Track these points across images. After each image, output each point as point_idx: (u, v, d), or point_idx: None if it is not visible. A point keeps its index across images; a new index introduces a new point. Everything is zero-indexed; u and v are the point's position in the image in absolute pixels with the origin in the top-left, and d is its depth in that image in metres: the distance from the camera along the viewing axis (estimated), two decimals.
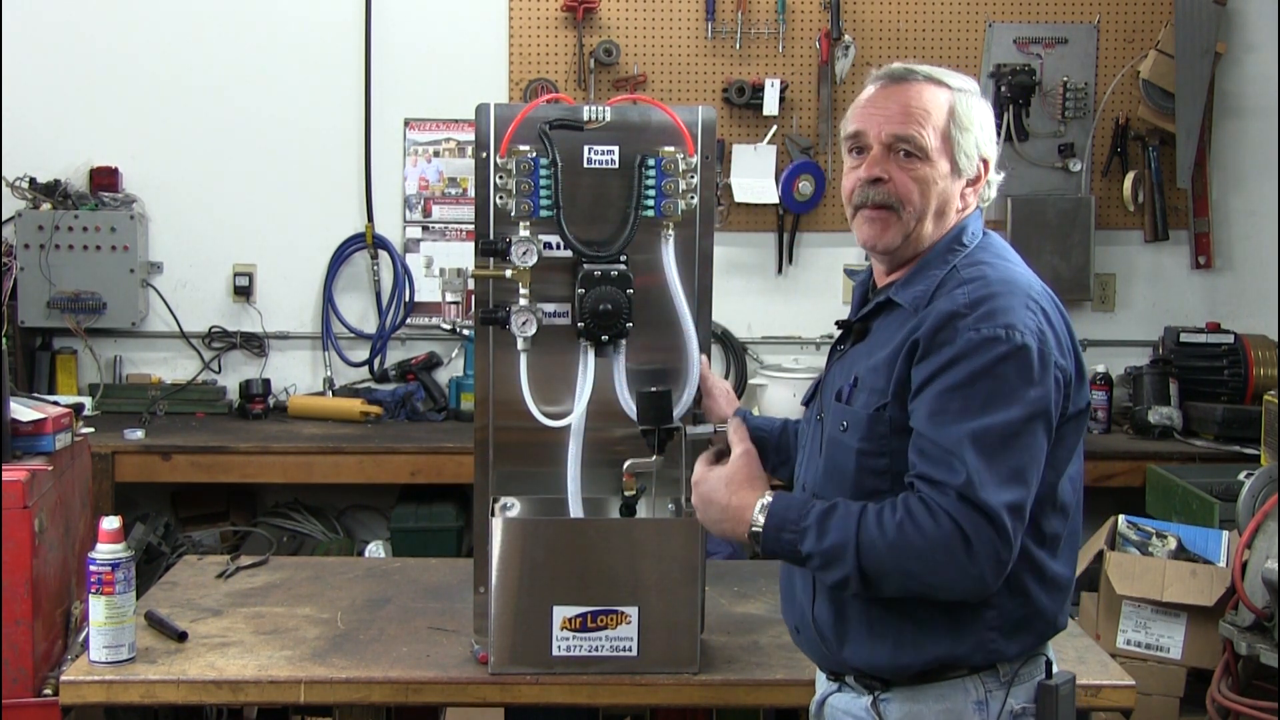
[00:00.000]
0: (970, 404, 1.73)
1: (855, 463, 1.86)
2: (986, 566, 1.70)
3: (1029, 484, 1.73)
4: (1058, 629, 1.90)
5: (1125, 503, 4.09)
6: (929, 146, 1.87)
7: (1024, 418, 1.73)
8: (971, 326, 1.75)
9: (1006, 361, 1.74)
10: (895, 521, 1.72)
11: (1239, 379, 4.75)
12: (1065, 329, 1.85)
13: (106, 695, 2.32)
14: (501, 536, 2.30)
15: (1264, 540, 3.09)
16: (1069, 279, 4.98)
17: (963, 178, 1.91)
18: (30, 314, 4.63)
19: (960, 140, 1.88)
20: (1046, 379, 1.76)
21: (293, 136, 4.88)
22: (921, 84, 1.89)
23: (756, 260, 5.00)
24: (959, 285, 1.82)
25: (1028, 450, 1.73)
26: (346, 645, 2.48)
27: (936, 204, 1.89)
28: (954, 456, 1.71)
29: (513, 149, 2.28)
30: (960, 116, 1.88)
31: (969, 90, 1.92)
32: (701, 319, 2.39)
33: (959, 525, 1.68)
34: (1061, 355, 1.80)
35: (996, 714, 1.83)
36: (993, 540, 1.69)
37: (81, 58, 4.81)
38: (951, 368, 1.75)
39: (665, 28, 4.90)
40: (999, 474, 1.70)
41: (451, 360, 5.00)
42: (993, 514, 1.68)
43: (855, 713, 1.91)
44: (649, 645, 2.31)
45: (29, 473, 2.56)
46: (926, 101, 1.88)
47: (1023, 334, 1.75)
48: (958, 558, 1.69)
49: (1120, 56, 5.00)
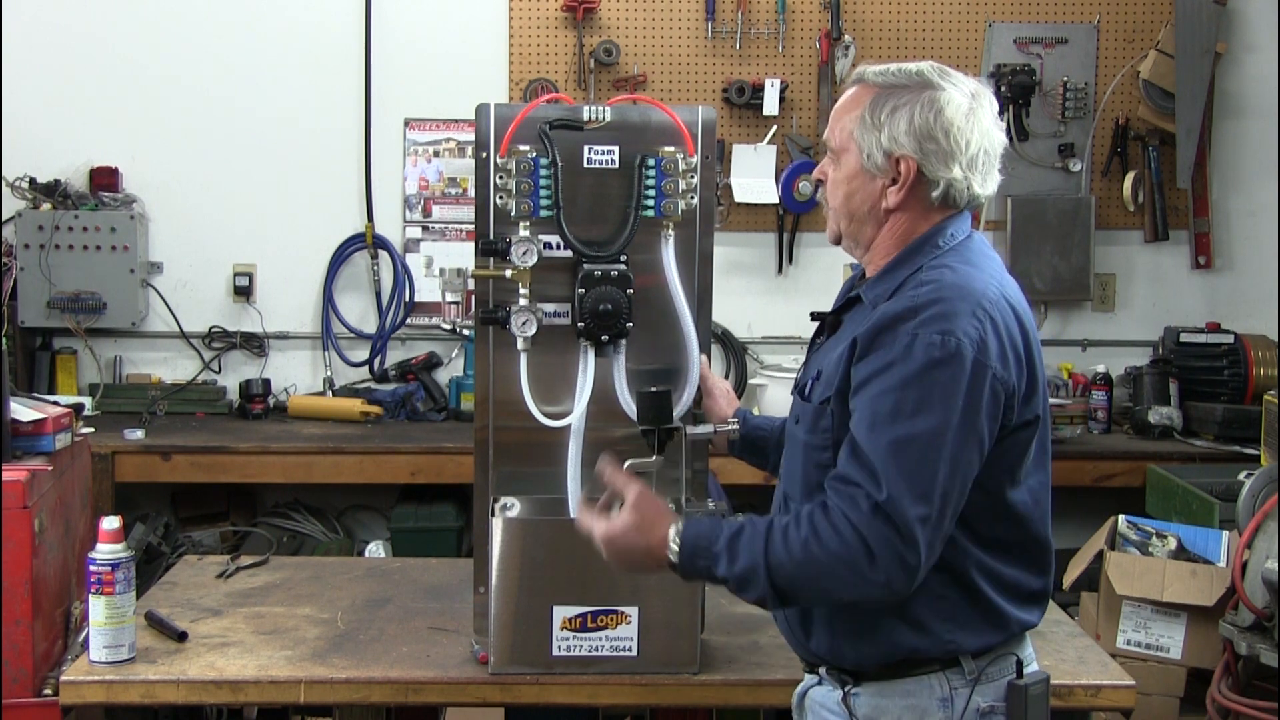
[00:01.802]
0: (900, 409, 1.74)
1: (803, 455, 1.91)
2: (893, 573, 1.72)
3: (948, 495, 1.74)
4: (1024, 628, 1.91)
5: (1125, 503, 4.09)
6: (834, 147, 1.93)
7: (949, 427, 1.73)
8: (911, 330, 1.76)
9: (939, 368, 1.74)
10: (800, 540, 1.75)
11: (1239, 379, 4.75)
12: (1019, 340, 1.82)
13: (106, 695, 2.32)
14: (501, 536, 2.30)
15: (1264, 540, 3.09)
16: (1069, 279, 4.99)
17: (876, 177, 1.89)
18: (30, 314, 4.63)
19: (861, 139, 1.88)
20: (978, 389, 1.75)
21: (293, 136, 4.88)
22: (854, 87, 1.93)
23: (756, 260, 5.00)
24: (916, 287, 1.82)
25: (950, 462, 1.74)
26: (346, 645, 2.48)
27: (849, 203, 1.92)
28: (876, 466, 1.73)
29: (513, 149, 2.28)
30: (870, 116, 1.87)
31: (908, 89, 1.86)
32: (701, 319, 2.39)
33: (863, 538, 1.71)
34: (1003, 366, 1.78)
35: (961, 711, 1.85)
36: (897, 550, 1.71)
37: (81, 58, 4.81)
38: (887, 371, 1.76)
39: (665, 28, 4.90)
40: (916, 486, 1.72)
41: (451, 360, 5.00)
42: (902, 527, 1.71)
43: (830, 706, 1.94)
44: (649, 645, 2.31)
45: (29, 473, 2.56)
46: (846, 102, 1.92)
47: (959, 341, 1.74)
48: (861, 570, 1.72)
49: (1120, 56, 5.00)
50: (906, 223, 1.91)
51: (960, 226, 1.93)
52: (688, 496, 2.36)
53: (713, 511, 2.32)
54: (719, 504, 2.36)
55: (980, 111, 1.89)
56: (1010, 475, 1.84)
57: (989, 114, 1.91)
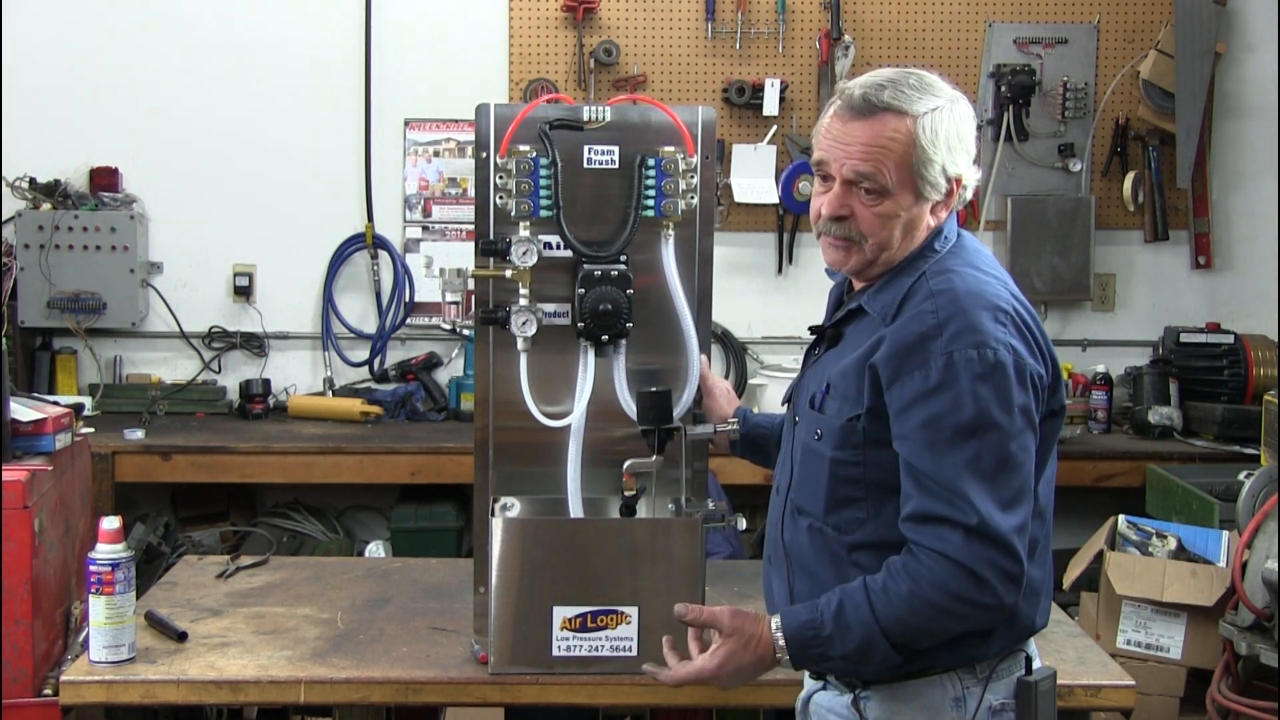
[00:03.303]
0: (961, 430, 1.74)
1: (829, 471, 1.88)
2: (1001, 590, 1.73)
3: (1028, 499, 1.77)
4: (1034, 630, 1.92)
5: (1125, 503, 4.09)
6: (889, 184, 1.83)
7: (1013, 434, 1.75)
8: (944, 349, 1.76)
9: (986, 381, 1.74)
10: (905, 594, 1.75)
11: (1239, 379, 4.75)
12: (1037, 333, 1.84)
13: (106, 695, 2.32)
14: (501, 536, 2.30)
15: (1264, 540, 3.09)
16: (1069, 279, 4.99)
17: (930, 201, 1.88)
18: (30, 314, 4.63)
19: (924, 172, 1.83)
20: (1025, 389, 1.77)
21: (293, 136, 4.88)
22: (882, 116, 1.82)
23: (756, 260, 5.00)
24: (927, 299, 1.81)
25: (1022, 466, 1.76)
26: (346, 645, 2.48)
27: (902, 232, 1.88)
28: (955, 493, 1.73)
29: (513, 149, 2.28)
30: (923, 147, 1.82)
31: (935, 108, 1.83)
32: (701, 319, 2.39)
33: (967, 569, 1.72)
34: (1035, 361, 1.80)
35: (974, 710, 1.85)
36: (1002, 565, 1.73)
37: (81, 58, 4.81)
38: (934, 395, 1.75)
39: (665, 28, 4.90)
40: (1002, 499, 1.73)
41: (451, 360, 5.00)
42: (1004, 542, 1.72)
43: (838, 710, 1.93)
44: (649, 645, 2.30)
45: (29, 473, 2.56)
46: (887, 137, 1.82)
47: (995, 350, 1.75)
48: (973, 599, 1.73)
49: (1120, 56, 5.00)
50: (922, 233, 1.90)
51: (951, 227, 1.94)
52: (688, 496, 2.36)
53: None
54: (719, 504, 2.36)
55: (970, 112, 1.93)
56: (1041, 469, 1.85)
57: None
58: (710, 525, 2.32)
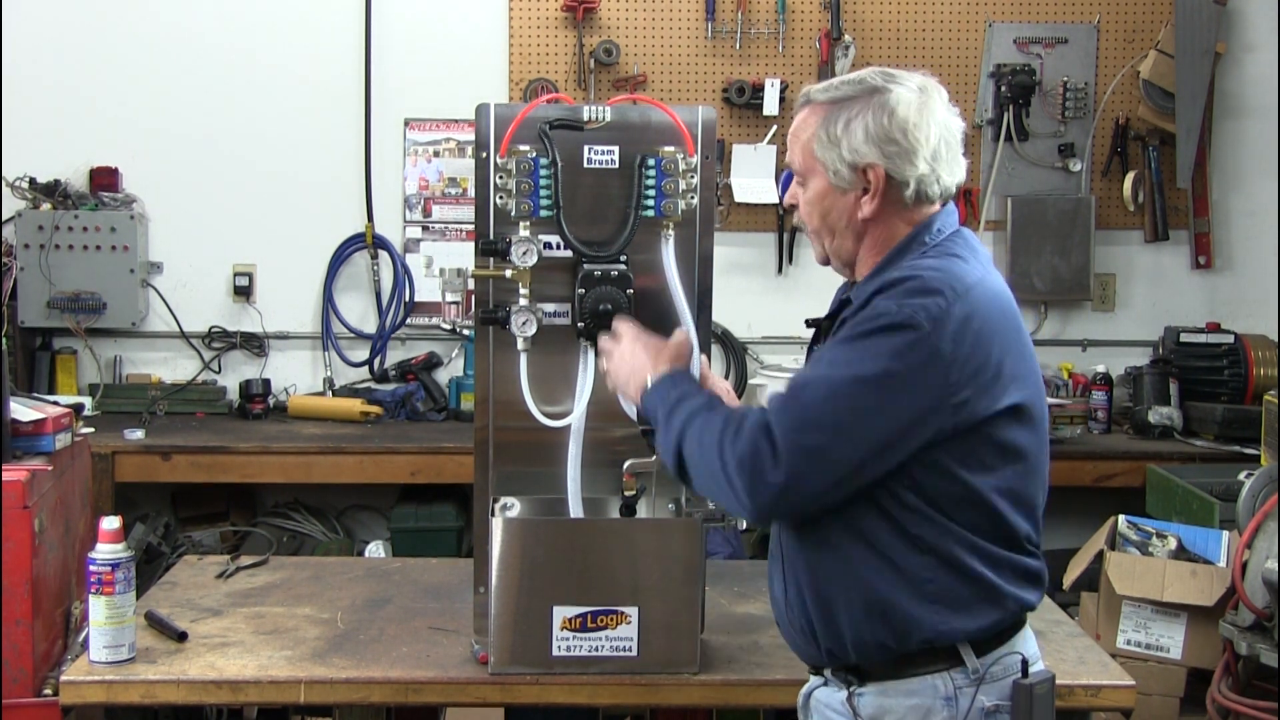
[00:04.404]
0: (835, 359, 1.81)
1: None
2: (750, 483, 1.77)
3: (843, 437, 1.76)
4: (1022, 607, 1.90)
5: (1125, 503, 4.09)
6: (799, 170, 1.96)
7: (867, 382, 1.76)
8: (880, 302, 1.80)
9: (885, 334, 1.77)
10: (717, 429, 1.84)
11: (1239, 379, 4.75)
12: (993, 328, 1.81)
13: (106, 695, 2.32)
14: (501, 536, 2.30)
15: (1264, 540, 3.09)
16: (1069, 279, 4.99)
17: (848, 191, 1.90)
18: (30, 314, 4.63)
19: (825, 157, 1.90)
20: (914, 358, 1.75)
21: (293, 136, 4.88)
22: (802, 110, 1.95)
23: (756, 260, 5.00)
24: (898, 281, 1.83)
25: (853, 411, 1.76)
26: (346, 645, 2.48)
27: (826, 221, 1.94)
28: (782, 396, 1.81)
29: (513, 149, 2.28)
30: (826, 133, 1.89)
31: (851, 96, 1.88)
32: (701, 319, 2.39)
33: (745, 444, 1.78)
34: (957, 346, 1.76)
35: (966, 710, 1.85)
36: (762, 464, 1.76)
37: (81, 58, 4.82)
38: (846, 326, 1.84)
39: (665, 28, 4.90)
40: (803, 417, 1.77)
41: (451, 360, 5.00)
42: (779, 444, 1.76)
43: (835, 706, 1.95)
44: (649, 645, 2.31)
45: (29, 473, 2.56)
46: (798, 126, 1.95)
47: (914, 313, 1.76)
48: (726, 465, 1.80)
49: (1120, 56, 5.00)
50: (885, 229, 1.92)
51: (945, 221, 1.93)
52: (688, 496, 2.36)
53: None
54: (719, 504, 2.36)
55: (931, 103, 1.89)
56: (980, 464, 1.82)
57: (941, 103, 1.91)
58: (710, 525, 2.33)
